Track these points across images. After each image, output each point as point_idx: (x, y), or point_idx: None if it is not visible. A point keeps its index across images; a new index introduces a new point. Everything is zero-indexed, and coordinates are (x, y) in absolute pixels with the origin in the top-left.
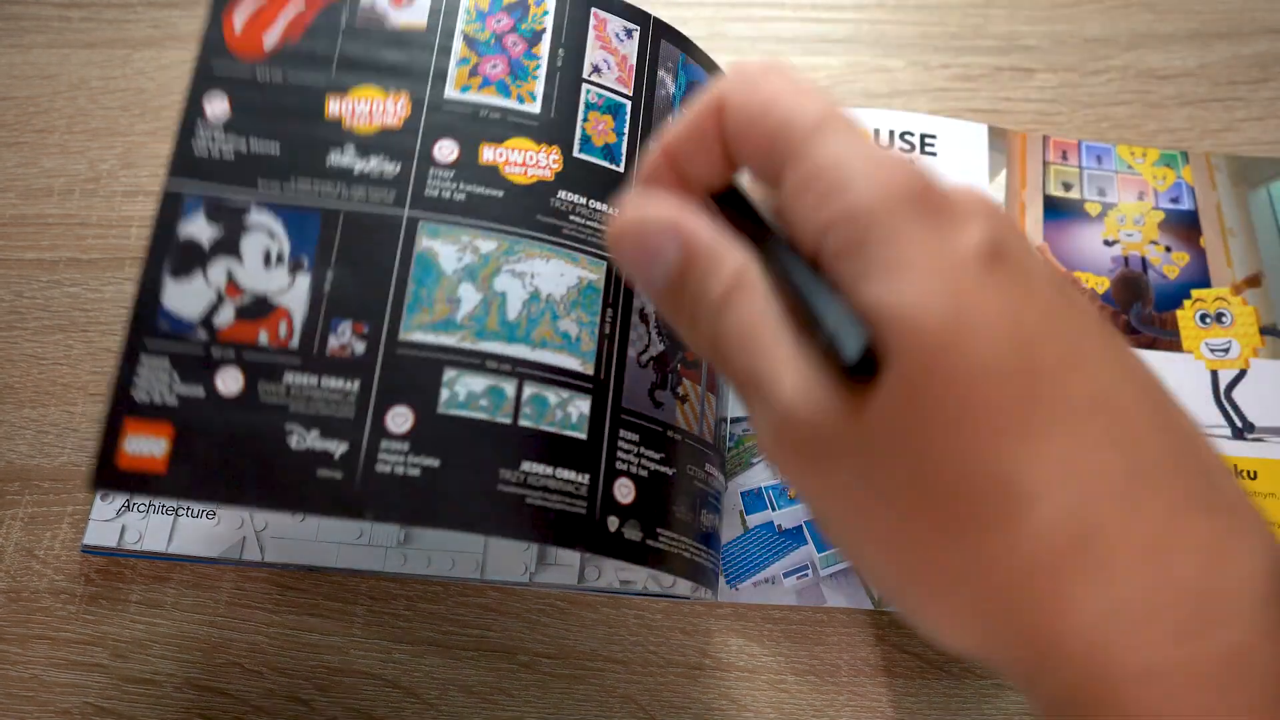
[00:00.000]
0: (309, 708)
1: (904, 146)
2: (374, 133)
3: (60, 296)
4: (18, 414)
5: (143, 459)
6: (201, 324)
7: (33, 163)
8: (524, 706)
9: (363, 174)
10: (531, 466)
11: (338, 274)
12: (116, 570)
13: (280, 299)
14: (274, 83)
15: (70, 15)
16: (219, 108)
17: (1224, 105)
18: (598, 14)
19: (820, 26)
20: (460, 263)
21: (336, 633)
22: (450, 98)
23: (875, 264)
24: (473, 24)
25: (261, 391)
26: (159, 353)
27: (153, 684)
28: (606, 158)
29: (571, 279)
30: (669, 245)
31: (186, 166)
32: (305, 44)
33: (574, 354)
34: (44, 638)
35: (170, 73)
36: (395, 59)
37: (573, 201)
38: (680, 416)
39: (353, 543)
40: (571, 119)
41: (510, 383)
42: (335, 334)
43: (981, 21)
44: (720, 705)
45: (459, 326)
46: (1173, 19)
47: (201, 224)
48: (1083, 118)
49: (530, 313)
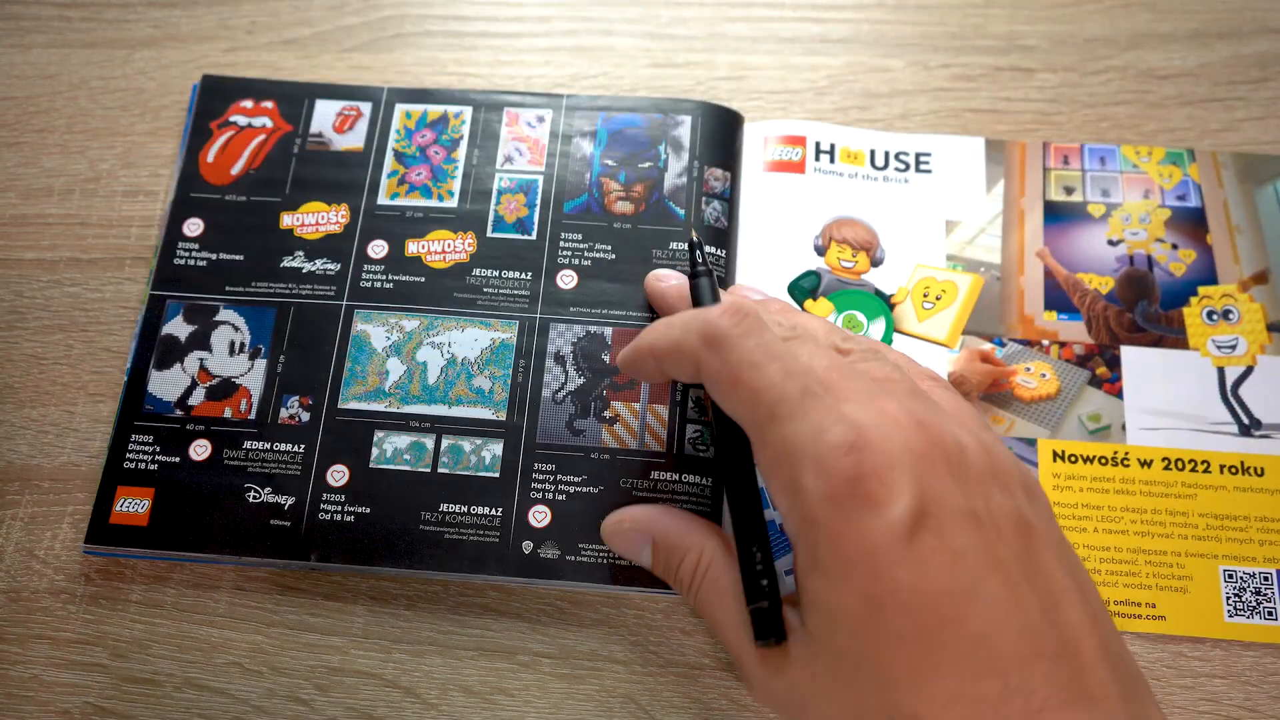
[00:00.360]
0: (309, 708)
1: (899, 166)
2: (319, 238)
3: (60, 296)
4: (18, 414)
5: (129, 515)
6: (178, 404)
7: (33, 163)
8: (524, 706)
9: (310, 273)
10: (448, 506)
11: (288, 356)
12: (116, 570)
13: (242, 380)
14: (238, 203)
15: (70, 15)
16: (195, 228)
17: (1224, 105)
18: (510, 112)
19: (820, 26)
20: (388, 340)
21: (336, 633)
22: (382, 204)
23: (815, 559)
24: (401, 141)
25: (225, 456)
26: (144, 430)
27: (153, 684)
28: (519, 230)
29: (485, 341)
30: (642, 543)
31: (168, 277)
32: (264, 170)
33: (487, 405)
34: (44, 638)
35: (170, 73)
36: (337, 177)
37: (487, 276)
38: (608, 437)
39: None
40: (485, 206)
41: (430, 437)
42: (286, 406)
43: (981, 21)
44: (720, 705)
45: (387, 394)
46: (1173, 19)
47: (179, 323)
48: (1083, 118)
49: (447, 376)
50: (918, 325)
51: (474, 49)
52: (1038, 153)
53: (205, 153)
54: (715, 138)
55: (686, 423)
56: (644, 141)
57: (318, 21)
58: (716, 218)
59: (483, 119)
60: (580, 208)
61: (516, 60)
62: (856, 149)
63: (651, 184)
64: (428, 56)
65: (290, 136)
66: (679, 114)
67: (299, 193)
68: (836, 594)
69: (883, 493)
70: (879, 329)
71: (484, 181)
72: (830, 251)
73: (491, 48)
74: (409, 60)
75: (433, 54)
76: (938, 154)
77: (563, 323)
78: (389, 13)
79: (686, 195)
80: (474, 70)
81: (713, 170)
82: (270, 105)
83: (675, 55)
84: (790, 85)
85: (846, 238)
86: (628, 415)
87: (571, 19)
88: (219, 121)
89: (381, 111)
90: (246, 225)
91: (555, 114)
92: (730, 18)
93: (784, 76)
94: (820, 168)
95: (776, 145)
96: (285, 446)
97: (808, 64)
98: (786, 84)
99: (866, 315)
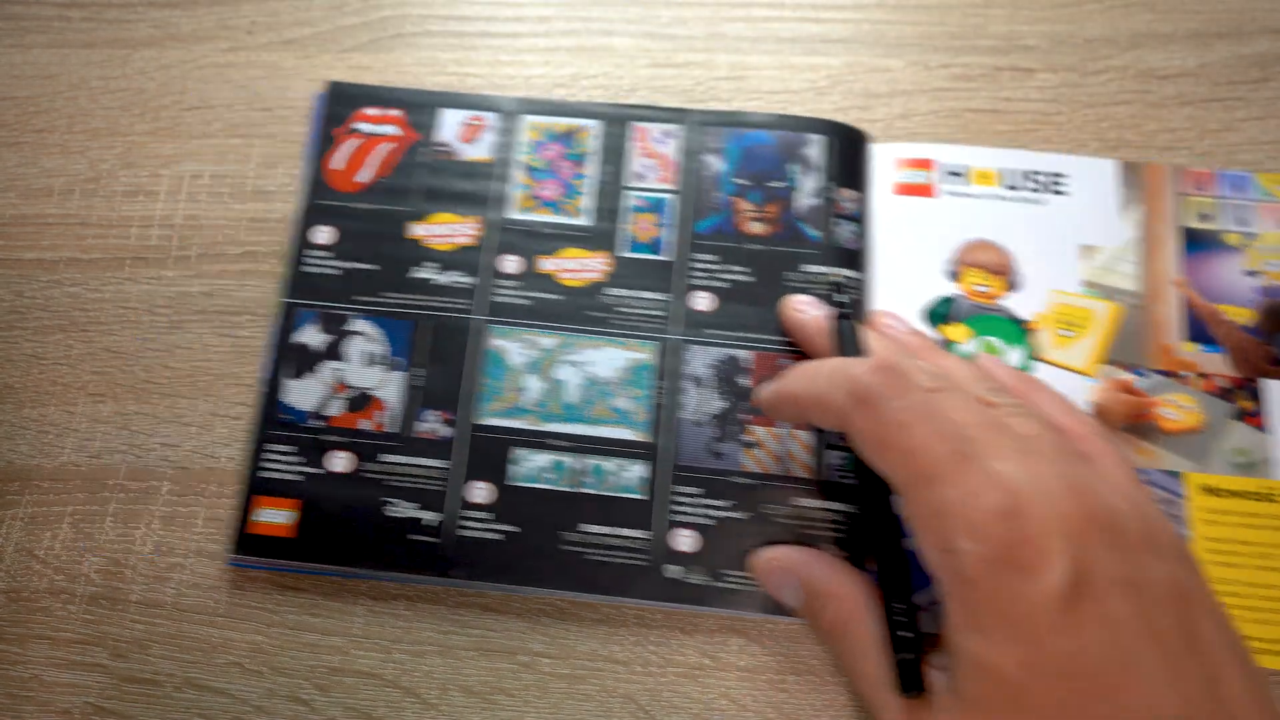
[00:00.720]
0: (309, 708)
1: (1033, 187)
2: (451, 250)
3: (60, 296)
4: (18, 414)
5: (273, 526)
6: (315, 414)
7: (33, 163)
8: (524, 706)
9: (443, 286)
10: (591, 527)
11: (426, 370)
12: (116, 570)
13: (378, 393)
14: (368, 211)
15: (70, 15)
16: (324, 235)
17: (1224, 105)
18: (637, 127)
19: (820, 26)
20: (525, 357)
21: (336, 633)
22: (512, 218)
23: (970, 619)
24: (530, 154)
25: (365, 469)
26: (282, 440)
27: (153, 684)
28: (652, 250)
29: (621, 361)
30: (790, 584)
31: (298, 284)
32: (393, 179)
33: (628, 426)
34: (44, 638)
35: (170, 73)
36: (466, 188)
37: (622, 296)
38: (749, 461)
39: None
40: (618, 224)
41: (571, 456)
42: (424, 420)
43: (981, 21)
44: (720, 705)
45: (526, 411)
46: (1173, 19)
47: (313, 332)
48: (1083, 118)
49: (587, 395)
50: (1056, 353)
51: (474, 49)
52: (1170, 177)
53: (329, 160)
54: (845, 157)
55: (829, 448)
56: (774, 160)
57: (318, 21)
58: (849, 239)
59: (611, 133)
60: (713, 228)
61: (516, 60)
62: (987, 169)
63: (784, 204)
64: (427, 56)
65: (418, 145)
66: (808, 132)
67: (428, 203)
68: (993, 655)
69: (1039, 560)
70: (1017, 357)
71: (614, 199)
72: (964, 276)
73: (491, 48)
74: (409, 60)
75: (433, 54)
76: (1071, 175)
77: (700, 345)
78: (389, 13)
79: (819, 216)
80: (474, 70)
81: (844, 191)
82: (397, 113)
83: (675, 55)
84: (790, 85)
85: (980, 262)
86: (768, 440)
87: (571, 19)
88: (343, 128)
89: (508, 122)
90: (376, 234)
91: (682, 129)
92: (730, 18)
93: (784, 76)
94: (951, 190)
95: (905, 168)
96: (425, 461)
97: (808, 64)
98: (786, 84)
99: (1005, 341)
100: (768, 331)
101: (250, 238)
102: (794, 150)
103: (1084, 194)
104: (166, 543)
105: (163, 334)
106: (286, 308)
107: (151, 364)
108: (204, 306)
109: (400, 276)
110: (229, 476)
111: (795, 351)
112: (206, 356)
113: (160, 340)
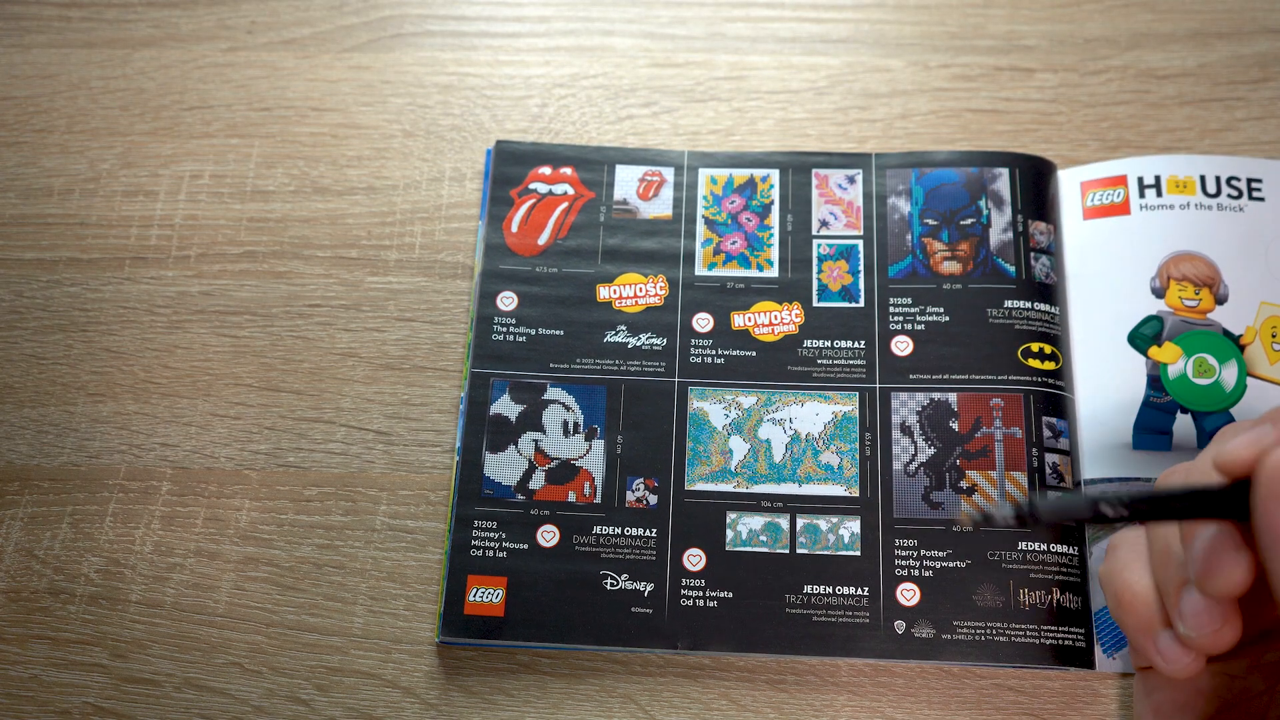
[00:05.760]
0: (309, 708)
1: (1232, 194)
2: (640, 312)
3: (60, 296)
4: (18, 414)
5: (484, 606)
6: (519, 489)
7: (33, 163)
8: (524, 706)
9: (635, 349)
10: (812, 588)
11: (626, 437)
12: (116, 570)
13: (581, 462)
14: (551, 275)
15: (70, 15)
16: (509, 302)
17: (1224, 105)
18: (818, 174)
19: (820, 26)
20: (727, 418)
21: (336, 633)
22: (700, 274)
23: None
24: (711, 208)
25: (575, 542)
26: (487, 516)
27: (152, 684)
28: (845, 299)
29: (826, 415)
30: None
31: (487, 354)
32: (572, 239)
33: (837, 482)
34: (44, 638)
35: (170, 73)
36: (649, 246)
37: (819, 347)
38: (968, 508)
39: None
40: (807, 274)
41: (784, 517)
42: (631, 489)
43: (981, 21)
44: (720, 705)
45: (733, 474)
46: (1173, 19)
47: (507, 402)
48: (1083, 118)
49: (793, 453)
50: (1270, 368)
51: (474, 49)
52: None
53: (509, 222)
54: (1033, 189)
55: (1046, 489)
56: (963, 197)
57: (317, 21)
58: (1046, 274)
59: (791, 182)
60: (906, 270)
61: (516, 60)
62: (1184, 177)
63: (977, 241)
64: (427, 56)
65: (594, 204)
66: (994, 166)
67: (612, 263)
68: None
69: None
70: (1231, 373)
71: (802, 248)
72: (1170, 291)
73: (491, 48)
74: (409, 60)
75: (432, 54)
76: (1269, 179)
77: (904, 391)
78: (389, 13)
79: (1013, 251)
80: (474, 70)
81: (1036, 224)
82: (569, 172)
83: (675, 55)
84: (790, 85)
85: (1186, 274)
86: (985, 484)
87: (571, 19)
88: (519, 189)
89: (685, 176)
90: (562, 298)
91: (865, 173)
92: (730, 18)
93: (784, 76)
94: (1147, 203)
95: (1095, 190)
96: (637, 531)
97: (807, 64)
98: (786, 84)
99: (1217, 358)
100: (972, 371)
101: (250, 238)
102: (982, 185)
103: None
104: (166, 543)
105: (162, 334)
106: (477, 378)
107: (151, 364)
108: (203, 306)
109: (592, 341)
110: (229, 477)
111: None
112: (206, 356)
113: (160, 340)
